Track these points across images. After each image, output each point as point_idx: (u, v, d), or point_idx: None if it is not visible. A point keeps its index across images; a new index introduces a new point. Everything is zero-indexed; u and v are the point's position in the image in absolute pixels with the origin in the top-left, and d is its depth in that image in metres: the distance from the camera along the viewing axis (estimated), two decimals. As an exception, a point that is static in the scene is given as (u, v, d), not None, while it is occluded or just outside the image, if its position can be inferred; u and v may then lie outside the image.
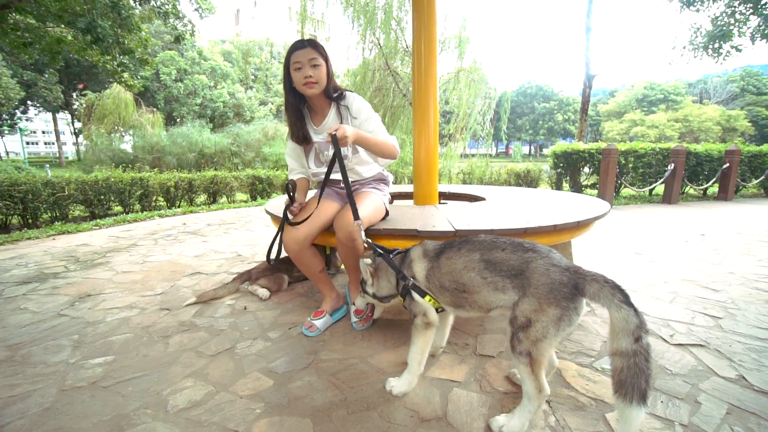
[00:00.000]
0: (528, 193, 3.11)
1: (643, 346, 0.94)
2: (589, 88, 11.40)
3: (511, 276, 1.15)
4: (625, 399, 0.93)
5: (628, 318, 0.96)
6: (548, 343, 1.08)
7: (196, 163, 11.62)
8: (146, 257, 3.28)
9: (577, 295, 1.05)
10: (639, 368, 0.93)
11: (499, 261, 1.19)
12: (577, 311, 1.06)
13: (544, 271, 1.11)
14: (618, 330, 0.97)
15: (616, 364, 0.97)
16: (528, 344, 1.09)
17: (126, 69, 7.50)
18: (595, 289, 1.03)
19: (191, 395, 1.39)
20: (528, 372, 1.11)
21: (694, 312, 2.08)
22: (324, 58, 1.75)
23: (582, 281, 1.05)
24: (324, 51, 1.76)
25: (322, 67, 1.74)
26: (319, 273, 1.92)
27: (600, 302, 1.02)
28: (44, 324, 1.99)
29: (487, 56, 9.59)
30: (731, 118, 32.14)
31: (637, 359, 0.93)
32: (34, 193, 4.68)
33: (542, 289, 1.08)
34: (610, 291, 1.00)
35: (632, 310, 0.97)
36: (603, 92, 53.00)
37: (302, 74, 1.72)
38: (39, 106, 25.42)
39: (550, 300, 1.07)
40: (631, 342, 0.95)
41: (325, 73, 1.75)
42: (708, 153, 7.37)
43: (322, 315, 1.91)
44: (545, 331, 1.07)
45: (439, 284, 1.32)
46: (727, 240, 3.83)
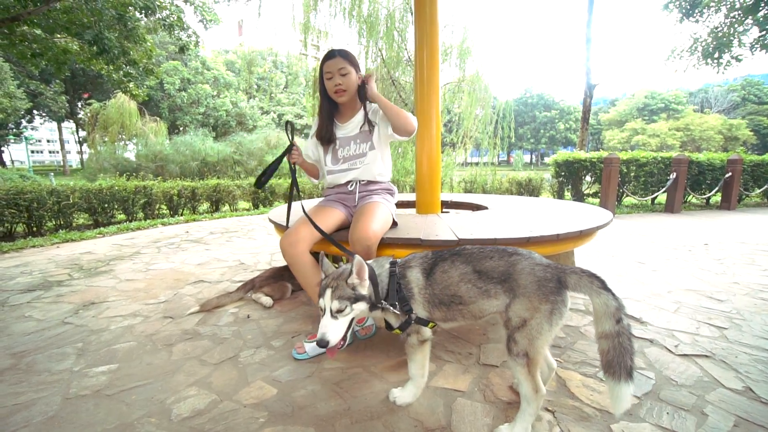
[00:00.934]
0: (530, 202, 3.12)
1: (625, 327, 1.03)
2: (590, 98, 11.48)
3: (501, 281, 1.20)
4: (614, 377, 1.01)
5: (608, 302, 1.04)
6: (543, 340, 1.13)
7: (199, 172, 11.69)
8: (149, 265, 3.30)
9: (561, 288, 1.12)
10: (623, 347, 1.01)
11: (489, 269, 1.23)
12: (564, 303, 1.12)
13: (530, 271, 1.17)
14: (600, 314, 1.06)
15: (602, 347, 1.05)
16: (525, 344, 1.13)
17: (131, 79, 7.61)
18: (575, 280, 1.11)
19: (195, 404, 1.38)
20: (525, 373, 1.15)
21: (699, 322, 2.07)
22: (353, 65, 1.85)
23: (563, 275, 1.13)
24: (353, 59, 1.87)
25: (351, 74, 1.84)
26: (317, 286, 1.75)
27: (581, 291, 1.10)
28: (48, 332, 2.00)
29: (488, 66, 9.72)
30: (733, 127, 32.24)
31: (621, 339, 1.02)
32: (39, 202, 4.71)
33: (531, 288, 1.14)
34: (588, 279, 1.09)
35: (610, 294, 1.05)
36: (604, 101, 53.33)
37: (333, 83, 1.84)
38: (44, 115, 25.75)
39: (540, 296, 1.12)
40: (614, 324, 1.03)
41: (354, 79, 1.85)
42: (710, 162, 7.38)
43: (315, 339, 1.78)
44: (540, 327, 1.12)
45: (437, 300, 1.28)
46: (730, 249, 3.82)
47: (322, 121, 1.97)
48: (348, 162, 1.98)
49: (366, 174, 1.98)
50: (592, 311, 1.13)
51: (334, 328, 1.20)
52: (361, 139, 1.96)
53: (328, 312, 1.20)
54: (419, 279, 1.31)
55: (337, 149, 1.98)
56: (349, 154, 1.97)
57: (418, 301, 1.29)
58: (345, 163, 1.98)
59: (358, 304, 1.23)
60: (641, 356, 1.71)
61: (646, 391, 1.44)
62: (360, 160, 1.96)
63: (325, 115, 1.96)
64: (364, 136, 1.96)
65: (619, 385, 1.00)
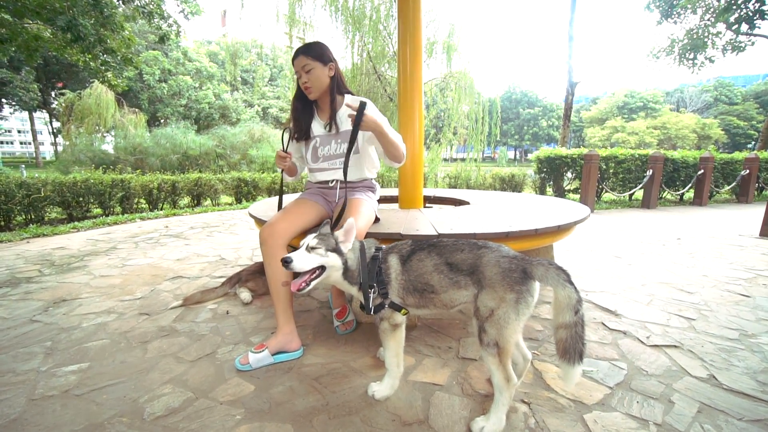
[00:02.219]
0: (512, 198, 3.16)
1: (581, 317, 1.10)
2: (571, 95, 11.68)
3: (470, 273, 1.24)
4: (570, 362, 1.10)
5: (571, 295, 1.09)
6: (512, 329, 1.17)
7: (180, 165, 11.39)
8: (126, 261, 3.20)
9: (527, 278, 1.16)
10: (578, 335, 1.09)
11: (460, 261, 1.27)
12: (530, 293, 1.16)
13: (495, 263, 1.21)
14: (563, 306, 1.11)
15: (560, 336, 1.12)
16: (494, 333, 1.17)
17: (109, 68, 7.33)
18: (541, 271, 1.14)
19: (169, 402, 1.36)
20: (496, 363, 1.18)
21: (670, 314, 2.15)
22: (319, 59, 1.78)
23: (529, 266, 1.17)
24: (319, 52, 1.79)
25: (315, 69, 1.78)
26: (282, 286, 1.65)
27: (547, 283, 1.13)
28: (14, 331, 1.92)
29: (474, 62, 9.72)
30: (706, 126, 33.44)
31: (577, 329, 1.09)
32: (7, 195, 4.51)
33: (496, 278, 1.18)
34: (556, 272, 1.12)
35: (573, 287, 1.10)
36: (585, 99, 54.40)
37: (301, 81, 1.81)
38: (14, 104, 24.59)
39: (505, 286, 1.16)
40: (573, 315, 1.09)
41: (320, 74, 1.79)
42: (684, 160, 7.63)
43: (261, 350, 1.60)
44: (507, 316, 1.16)
45: (411, 287, 1.33)
46: (701, 244, 3.96)
47: (296, 119, 1.92)
48: (328, 161, 1.93)
49: (356, 172, 1.95)
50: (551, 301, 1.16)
51: (302, 257, 1.28)
52: (342, 139, 1.88)
53: (303, 247, 1.30)
54: (397, 265, 1.35)
55: (317, 147, 1.94)
56: (329, 153, 1.92)
57: (393, 286, 1.34)
58: (325, 161, 1.94)
59: (333, 255, 1.32)
60: (615, 347, 1.76)
61: (618, 382, 1.48)
62: (340, 161, 1.89)
63: (302, 113, 1.91)
64: (346, 136, 1.86)
65: (573, 368, 1.09)
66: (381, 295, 1.33)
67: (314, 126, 1.95)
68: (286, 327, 1.68)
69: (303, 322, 2.01)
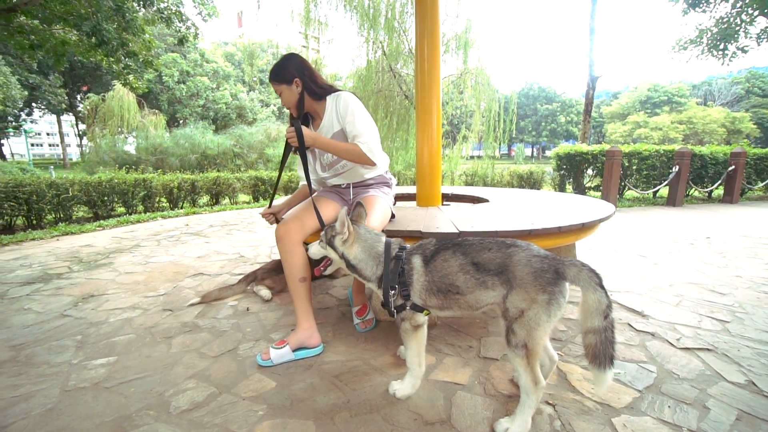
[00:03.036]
0: (532, 195, 3.10)
1: (611, 321, 1.06)
2: (592, 90, 11.36)
3: (498, 273, 1.20)
4: (600, 367, 1.06)
5: (601, 299, 1.06)
6: (542, 331, 1.13)
7: (199, 165, 11.64)
8: (149, 258, 3.29)
9: (559, 279, 1.12)
10: (608, 340, 1.06)
11: (487, 261, 1.23)
12: (562, 294, 1.12)
13: (526, 262, 1.16)
14: (592, 310, 1.07)
15: (589, 341, 1.08)
16: (523, 335, 1.14)
17: (131, 71, 7.54)
18: (574, 272, 1.10)
19: (194, 396, 1.38)
20: (524, 365, 1.15)
21: (701, 315, 2.06)
22: (284, 80, 1.77)
23: (561, 266, 1.13)
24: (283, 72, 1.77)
25: (285, 91, 1.80)
26: (299, 282, 1.68)
27: (579, 284, 1.10)
28: (48, 324, 2.00)
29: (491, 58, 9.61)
30: (736, 120, 31.99)
31: (607, 333, 1.06)
32: (38, 195, 4.70)
33: (527, 279, 1.14)
34: (588, 274, 1.09)
35: (604, 292, 1.07)
36: (606, 94, 52.90)
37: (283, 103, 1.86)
38: (43, 108, 25.64)
39: (537, 287, 1.12)
40: (602, 320, 1.06)
41: (290, 93, 1.80)
42: (713, 155, 7.32)
43: (282, 345, 1.62)
44: (538, 318, 1.12)
45: (434, 288, 1.29)
46: (733, 243, 3.79)
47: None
48: (332, 168, 1.94)
49: (353, 176, 1.95)
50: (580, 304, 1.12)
51: (313, 246, 1.48)
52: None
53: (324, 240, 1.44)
54: (420, 266, 1.32)
55: (319, 157, 1.97)
56: (329, 161, 1.93)
57: (415, 287, 1.31)
58: (330, 169, 1.96)
59: (329, 249, 1.42)
60: (642, 349, 1.70)
61: (647, 385, 1.43)
62: (341, 165, 1.91)
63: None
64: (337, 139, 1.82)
65: (604, 373, 1.06)
66: (402, 296, 1.31)
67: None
68: (306, 323, 1.70)
69: (323, 320, 2.01)
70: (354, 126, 1.73)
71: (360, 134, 1.72)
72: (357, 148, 1.72)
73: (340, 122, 1.80)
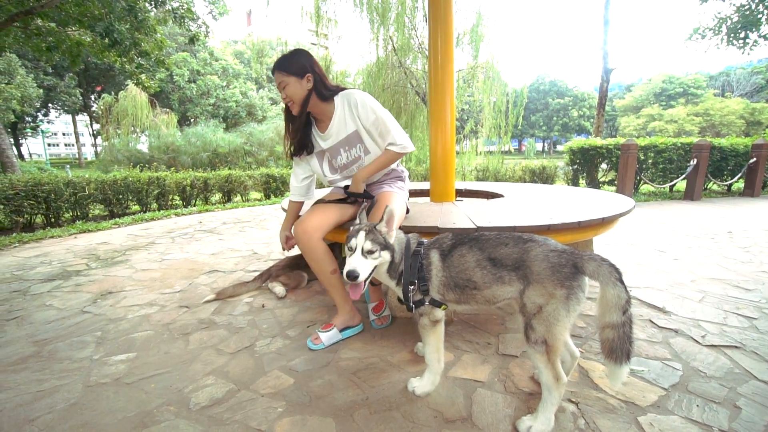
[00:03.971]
0: (546, 190, 3.04)
1: (629, 317, 1.05)
2: (606, 82, 11.13)
3: (515, 268, 1.19)
4: (617, 362, 1.04)
5: (621, 294, 1.04)
6: (562, 327, 1.12)
7: (211, 163, 11.78)
8: (164, 255, 3.33)
9: (578, 273, 1.10)
10: (626, 335, 1.04)
11: (504, 256, 1.22)
12: (581, 288, 1.11)
13: (543, 257, 1.15)
14: (611, 305, 1.05)
15: (606, 336, 1.07)
16: (543, 330, 1.12)
17: (143, 70, 7.64)
18: (593, 267, 1.09)
19: (213, 393, 1.39)
20: (545, 361, 1.13)
21: (726, 312, 2.00)
22: (293, 72, 1.68)
23: (580, 260, 1.11)
24: (293, 64, 1.69)
25: (291, 84, 1.68)
26: (331, 275, 1.74)
27: (598, 279, 1.08)
28: (68, 321, 2.03)
29: (502, 52, 9.44)
30: (756, 111, 30.99)
31: (625, 329, 1.04)
32: (56, 193, 4.80)
33: (545, 274, 1.13)
34: (608, 269, 1.07)
35: (624, 287, 1.05)
36: (619, 87, 51.81)
37: (282, 97, 1.74)
38: (59, 108, 26.18)
39: (555, 282, 1.11)
40: (620, 315, 1.04)
41: (298, 87, 1.69)
42: (733, 147, 7.10)
43: (330, 328, 1.74)
44: (557, 313, 1.11)
45: (452, 283, 1.28)
46: (756, 237, 3.68)
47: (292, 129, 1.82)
48: (345, 170, 1.89)
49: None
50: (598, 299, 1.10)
51: (363, 265, 1.24)
52: (349, 145, 1.81)
53: (359, 250, 1.25)
54: (437, 261, 1.31)
55: (331, 160, 1.90)
56: (342, 163, 1.86)
57: (433, 282, 1.30)
58: (343, 171, 1.90)
59: (385, 252, 1.29)
60: (666, 346, 1.65)
61: (673, 383, 1.39)
62: (357, 166, 1.85)
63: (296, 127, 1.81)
64: (352, 140, 1.79)
65: (620, 368, 1.04)
66: (421, 291, 1.30)
67: (317, 140, 1.86)
68: (346, 306, 1.80)
69: (337, 316, 2.01)
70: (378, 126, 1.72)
71: (388, 132, 1.72)
72: (391, 153, 1.76)
73: (354, 122, 1.75)
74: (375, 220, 1.61)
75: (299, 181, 1.97)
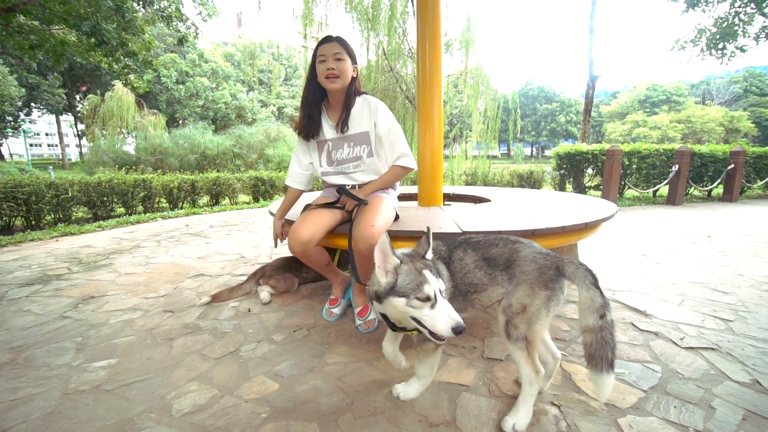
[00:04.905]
0: (533, 195, 3.09)
1: (608, 322, 1.07)
2: (592, 89, 11.37)
3: (505, 268, 1.22)
4: (596, 369, 1.06)
5: (594, 298, 1.08)
6: (542, 325, 1.17)
7: (198, 165, 11.63)
8: (149, 259, 3.27)
9: (560, 276, 1.16)
10: (605, 341, 1.06)
11: (496, 255, 1.25)
12: (561, 290, 1.16)
13: (532, 259, 1.20)
14: (585, 307, 1.10)
15: (586, 340, 1.10)
16: (524, 328, 1.16)
17: (131, 71, 7.52)
18: (572, 270, 1.14)
19: (196, 399, 1.37)
20: (525, 356, 1.17)
21: (704, 315, 2.05)
22: (349, 54, 1.78)
23: (561, 263, 1.17)
24: (351, 49, 1.80)
25: (346, 62, 1.76)
26: (326, 266, 1.95)
27: (574, 282, 1.13)
28: (47, 326, 1.98)
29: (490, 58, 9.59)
30: (734, 119, 32.05)
31: (603, 334, 1.06)
32: (37, 195, 4.68)
33: (532, 275, 1.17)
34: (584, 273, 1.12)
35: (598, 291, 1.09)
36: (605, 93, 52.95)
37: (325, 66, 1.74)
38: (42, 108, 25.58)
39: (540, 283, 1.15)
40: (597, 318, 1.07)
41: (348, 68, 1.78)
42: (712, 154, 7.33)
43: (337, 303, 2.03)
44: (539, 312, 1.15)
45: (457, 291, 1.25)
46: (734, 242, 3.79)
47: (306, 112, 1.86)
48: (342, 165, 1.92)
49: (362, 178, 1.94)
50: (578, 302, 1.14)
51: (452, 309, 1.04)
52: (355, 142, 1.86)
53: (439, 294, 1.05)
54: (445, 271, 1.24)
55: (331, 151, 1.92)
56: (342, 157, 1.90)
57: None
58: (339, 165, 1.92)
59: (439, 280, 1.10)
60: (646, 349, 1.69)
61: (652, 385, 1.42)
62: (354, 164, 1.89)
63: (312, 106, 1.85)
64: (360, 139, 1.85)
65: (601, 376, 1.05)
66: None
67: (324, 128, 1.90)
68: (339, 277, 2.08)
69: (324, 321, 2.00)
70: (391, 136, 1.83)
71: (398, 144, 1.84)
72: (398, 170, 1.87)
73: (370, 124, 1.85)
74: (363, 223, 1.63)
75: (303, 168, 2.01)
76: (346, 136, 1.86)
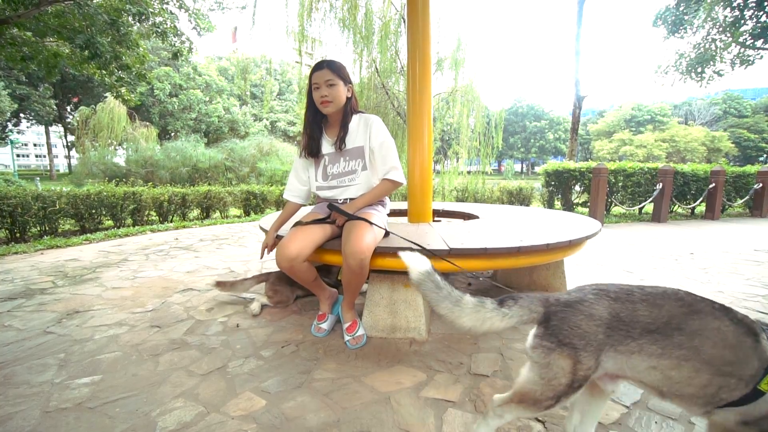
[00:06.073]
0: (521, 212, 3.16)
1: None
2: (578, 109, 11.71)
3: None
4: None
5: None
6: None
7: (190, 178, 11.58)
8: (137, 273, 3.24)
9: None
10: None
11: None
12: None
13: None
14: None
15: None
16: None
17: (124, 84, 7.55)
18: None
19: (181, 416, 1.35)
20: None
21: (686, 331, 2.10)
22: (341, 77, 1.85)
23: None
24: (342, 71, 1.87)
25: (338, 86, 1.84)
26: (313, 282, 1.95)
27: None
28: (29, 342, 1.94)
29: (480, 76, 9.84)
30: (715, 139, 33.22)
31: None
32: (23, 207, 4.61)
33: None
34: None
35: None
36: (592, 112, 54.49)
37: (319, 94, 1.84)
38: (31, 119, 25.34)
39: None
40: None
41: (341, 92, 1.86)
42: (695, 173, 7.56)
43: (324, 318, 2.03)
44: None
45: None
46: (715, 259, 3.89)
47: (309, 133, 1.97)
48: (336, 179, 1.98)
49: (356, 192, 1.98)
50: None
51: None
52: (351, 156, 1.94)
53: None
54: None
55: (327, 165, 1.99)
56: (338, 171, 1.97)
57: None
58: (334, 180, 1.99)
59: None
60: (630, 365, 1.72)
61: (635, 401, 1.45)
62: (349, 178, 1.96)
63: (312, 127, 1.96)
64: (355, 153, 1.93)
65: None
66: None
67: (324, 145, 2.00)
68: (325, 293, 2.05)
69: (313, 338, 2.00)
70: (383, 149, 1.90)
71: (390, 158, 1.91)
72: (387, 185, 1.93)
73: (364, 139, 1.92)
74: (352, 239, 1.67)
75: (302, 182, 2.09)
76: (343, 151, 1.94)
